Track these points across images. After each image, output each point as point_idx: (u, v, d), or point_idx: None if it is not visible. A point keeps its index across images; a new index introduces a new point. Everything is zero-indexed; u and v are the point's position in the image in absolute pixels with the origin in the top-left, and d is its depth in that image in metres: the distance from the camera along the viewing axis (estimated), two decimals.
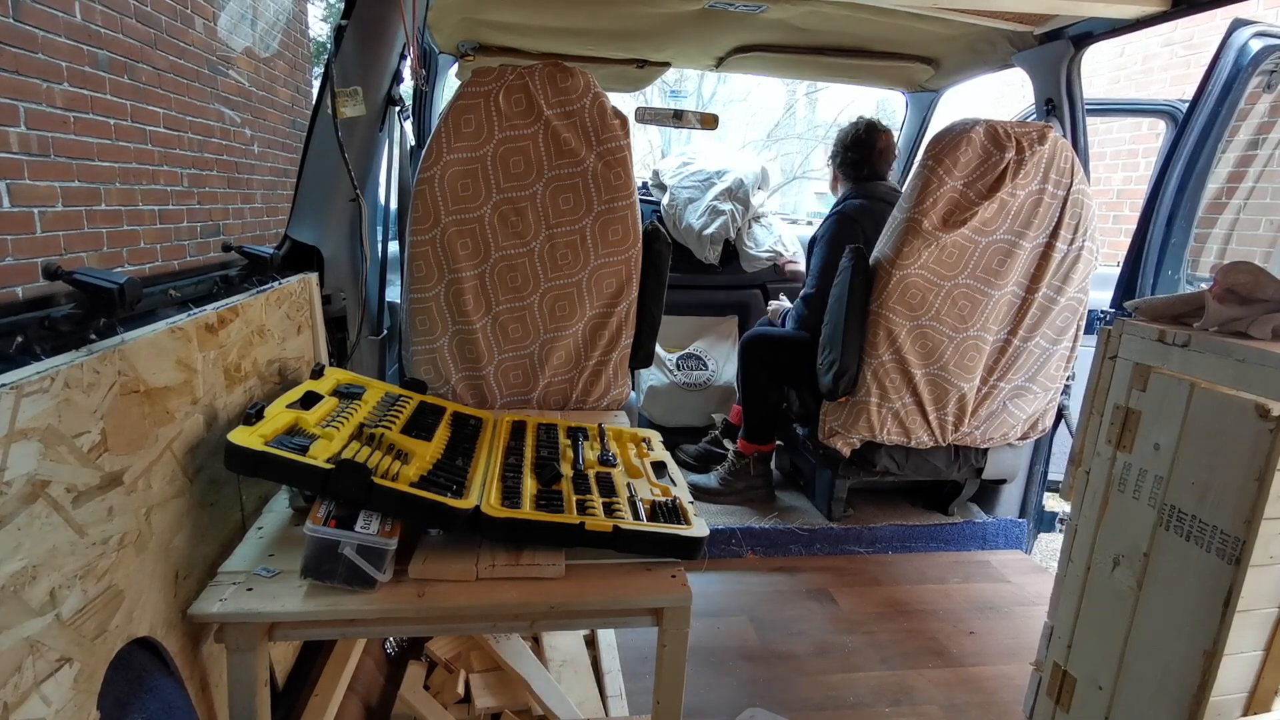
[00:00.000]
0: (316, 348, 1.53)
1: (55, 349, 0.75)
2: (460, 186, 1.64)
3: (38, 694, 0.66)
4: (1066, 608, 1.18)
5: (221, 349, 1.11)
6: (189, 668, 0.95)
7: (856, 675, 1.60)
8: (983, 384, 2.07)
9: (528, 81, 1.62)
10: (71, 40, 2.64)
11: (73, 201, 2.68)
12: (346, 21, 1.51)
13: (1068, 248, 1.97)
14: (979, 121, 1.91)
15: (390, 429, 1.20)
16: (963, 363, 2.00)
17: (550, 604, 1.02)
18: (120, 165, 2.96)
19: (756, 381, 2.30)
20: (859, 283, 1.95)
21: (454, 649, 1.45)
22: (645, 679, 1.30)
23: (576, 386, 1.79)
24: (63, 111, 2.61)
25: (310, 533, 0.96)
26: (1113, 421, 1.08)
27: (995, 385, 2.08)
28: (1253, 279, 1.02)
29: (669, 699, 1.08)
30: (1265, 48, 1.82)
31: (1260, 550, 0.87)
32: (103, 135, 2.84)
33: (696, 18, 2.12)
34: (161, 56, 3.25)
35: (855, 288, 1.95)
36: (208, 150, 3.68)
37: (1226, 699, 0.93)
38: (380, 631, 1.05)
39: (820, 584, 1.96)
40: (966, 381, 2.02)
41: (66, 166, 2.64)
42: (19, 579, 0.65)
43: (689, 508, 1.18)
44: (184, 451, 0.98)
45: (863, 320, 1.98)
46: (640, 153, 2.18)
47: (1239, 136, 3.69)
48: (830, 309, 2.03)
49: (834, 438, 2.10)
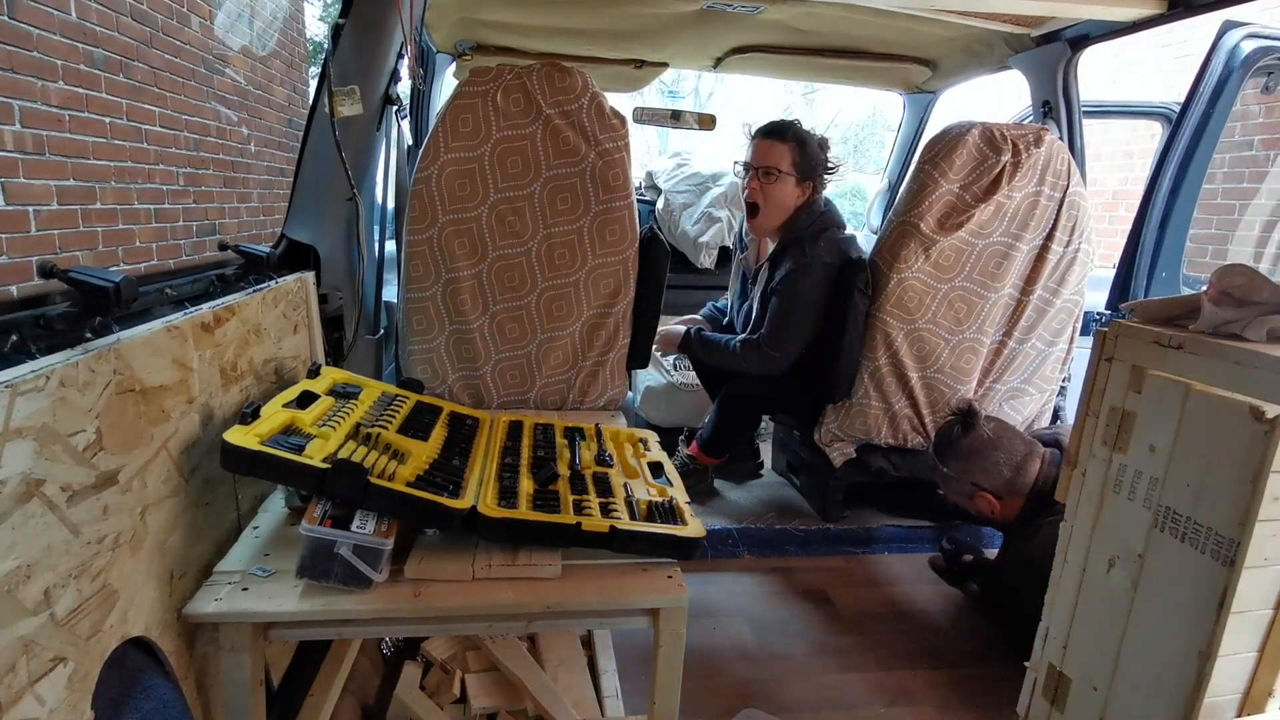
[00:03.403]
0: (313, 347, 1.52)
1: (50, 348, 0.75)
2: (457, 186, 1.64)
3: (32, 694, 0.66)
4: (1062, 608, 1.18)
5: (217, 348, 1.10)
6: (184, 668, 0.95)
7: (853, 676, 1.60)
8: (979, 386, 2.07)
9: (525, 81, 1.62)
10: (67, 38, 2.63)
11: (68, 200, 2.67)
12: (344, 20, 1.50)
13: (1064, 250, 1.97)
14: (975, 124, 1.92)
15: (387, 429, 1.20)
16: (959, 365, 2.01)
17: (547, 604, 1.01)
18: (116, 164, 2.95)
19: (741, 411, 2.20)
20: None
21: (450, 649, 1.45)
22: (641, 679, 1.29)
23: (573, 387, 1.79)
24: (58, 110, 2.60)
25: (306, 532, 0.95)
26: (1108, 423, 1.09)
27: (992, 387, 2.08)
28: (1248, 281, 1.03)
29: (665, 699, 1.08)
30: (1258, 49, 1.83)
31: (1254, 552, 0.87)
32: (98, 134, 2.83)
33: (694, 18, 2.13)
34: (157, 55, 3.24)
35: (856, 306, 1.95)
36: (204, 149, 3.66)
37: (1221, 700, 0.94)
38: (376, 631, 1.04)
39: (816, 584, 1.96)
40: (963, 384, 2.03)
41: (62, 165, 2.63)
42: (13, 578, 0.65)
43: (686, 508, 1.18)
44: (179, 451, 0.98)
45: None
46: (638, 152, 2.19)
47: (1234, 138, 3.71)
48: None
49: (831, 441, 2.10)
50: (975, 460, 1.68)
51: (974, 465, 1.68)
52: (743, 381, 2.13)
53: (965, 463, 1.70)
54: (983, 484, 1.67)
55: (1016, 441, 1.70)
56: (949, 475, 1.73)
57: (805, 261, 1.96)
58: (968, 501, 1.73)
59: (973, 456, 1.69)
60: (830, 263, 1.96)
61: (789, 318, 1.99)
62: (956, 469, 1.71)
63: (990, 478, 1.67)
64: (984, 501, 1.68)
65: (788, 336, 2.00)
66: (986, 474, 1.67)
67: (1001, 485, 1.66)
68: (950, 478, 1.73)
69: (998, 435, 1.69)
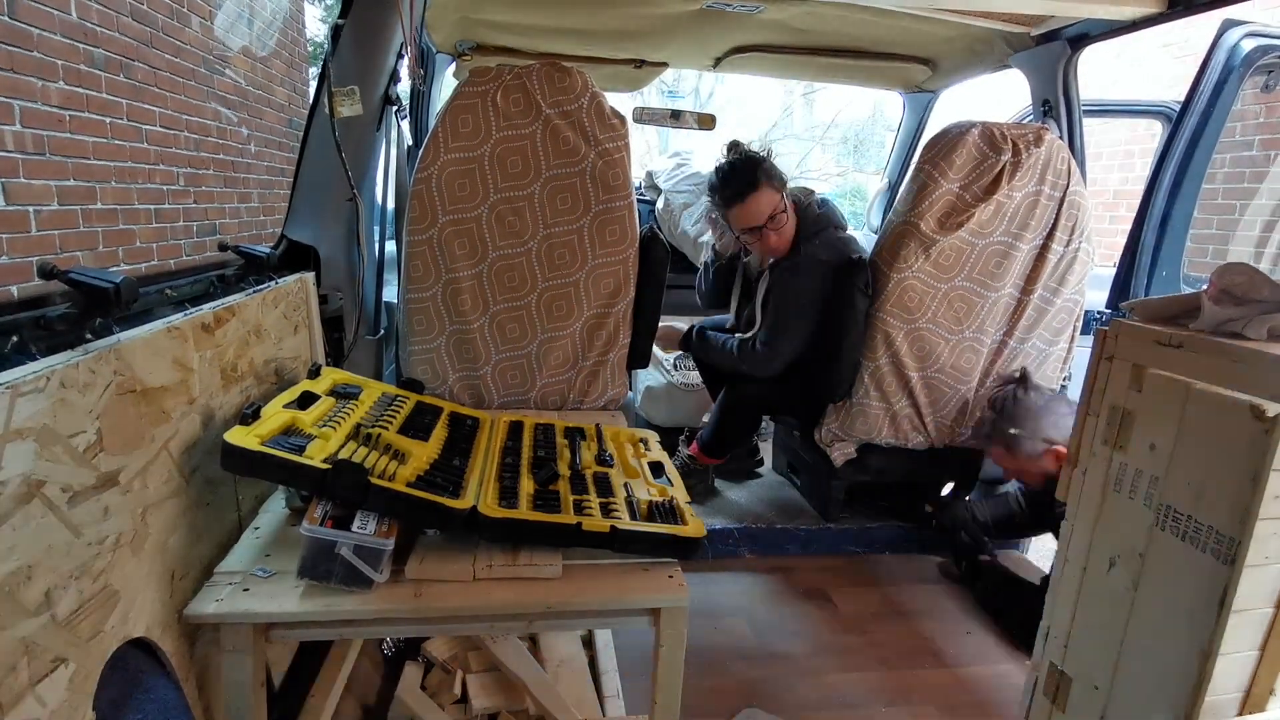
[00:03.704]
0: (313, 347, 1.52)
1: (51, 348, 0.75)
2: (457, 186, 1.64)
3: (33, 695, 0.66)
4: (1063, 608, 1.18)
5: (218, 349, 1.10)
6: (185, 668, 0.95)
7: (853, 675, 1.60)
8: (980, 386, 2.07)
9: (525, 81, 1.62)
10: (67, 38, 2.63)
11: (68, 200, 2.67)
12: (344, 21, 1.50)
13: (1064, 249, 1.97)
14: (975, 124, 1.91)
15: (387, 429, 1.20)
16: (959, 365, 2.01)
17: (547, 604, 1.01)
18: (116, 164, 2.95)
19: (742, 413, 2.19)
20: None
21: (451, 649, 1.45)
22: (642, 679, 1.29)
23: (574, 386, 1.79)
24: (59, 110, 2.60)
25: (307, 533, 0.96)
26: (1109, 422, 1.09)
27: (992, 387, 2.08)
28: (1248, 280, 1.03)
29: (666, 699, 1.08)
30: (1258, 47, 1.83)
31: (1255, 550, 0.87)
32: (99, 134, 2.83)
33: (694, 18, 2.12)
34: (158, 55, 3.25)
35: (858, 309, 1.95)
36: (204, 149, 3.67)
37: (1222, 699, 0.94)
38: (377, 632, 1.04)
39: (817, 584, 1.96)
40: (964, 384, 2.02)
41: (62, 165, 2.63)
42: (14, 579, 0.65)
43: (686, 508, 1.18)
44: (180, 451, 0.98)
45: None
46: (638, 152, 2.18)
47: (1234, 138, 3.71)
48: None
49: (832, 441, 2.10)
50: (1045, 416, 1.71)
51: (1045, 421, 1.71)
52: (743, 383, 2.12)
53: (1036, 421, 1.71)
54: (1055, 438, 1.69)
55: (1066, 399, 1.75)
56: (1020, 436, 1.73)
57: (798, 260, 1.96)
58: (1032, 464, 1.74)
59: (1044, 413, 1.71)
60: (825, 260, 1.94)
61: (783, 318, 1.98)
62: (1030, 429, 1.72)
63: (1061, 430, 1.68)
64: (1052, 459, 1.69)
65: (782, 336, 1.99)
66: (1058, 427, 1.69)
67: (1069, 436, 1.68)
68: (1021, 439, 1.73)
69: (1055, 393, 1.74)
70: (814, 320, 1.99)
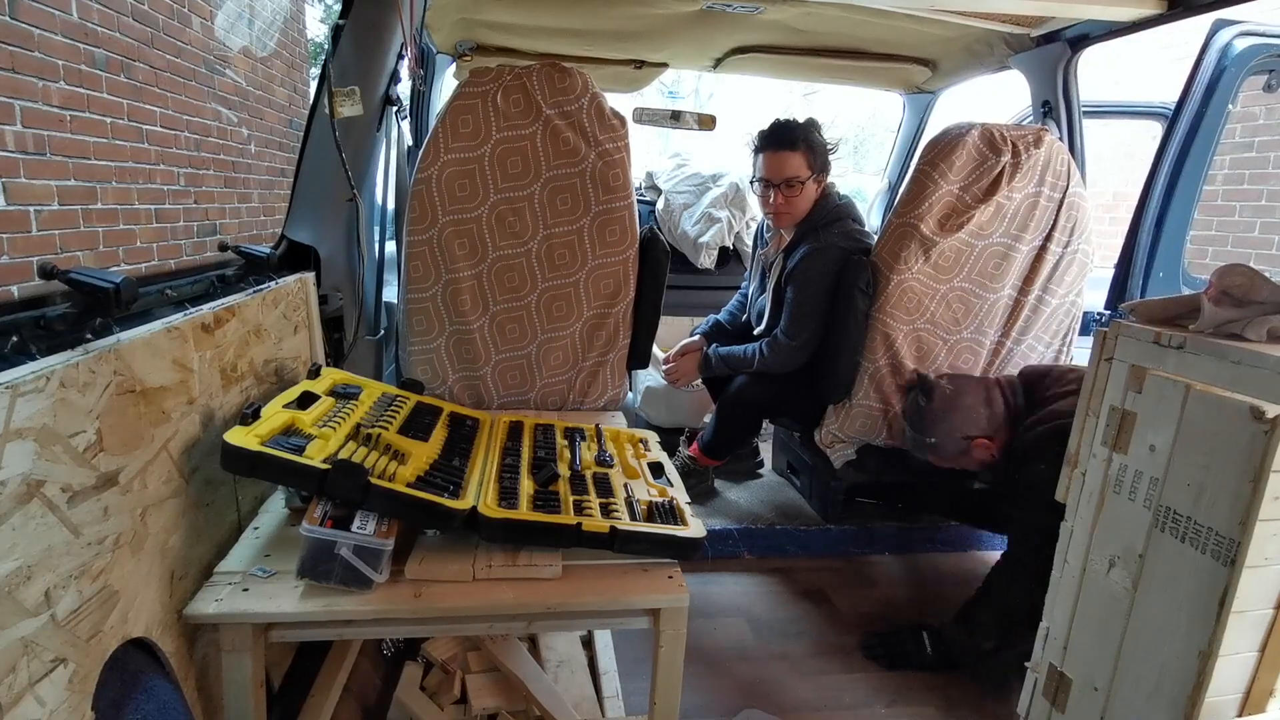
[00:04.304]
0: (313, 348, 1.52)
1: (51, 348, 0.75)
2: (458, 186, 1.64)
3: (32, 695, 0.66)
4: (1062, 609, 1.18)
5: (218, 349, 1.10)
6: (184, 668, 0.95)
7: (853, 676, 1.60)
8: None
9: (525, 82, 1.62)
10: (68, 39, 2.63)
11: (69, 200, 2.67)
12: (344, 21, 1.50)
13: (1063, 250, 1.97)
14: (975, 125, 1.92)
15: (387, 429, 1.20)
16: (958, 366, 2.01)
17: (547, 605, 1.02)
18: (117, 164, 2.95)
19: (743, 415, 2.19)
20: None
21: (451, 650, 1.45)
22: (642, 679, 1.29)
23: (574, 387, 1.79)
24: (59, 110, 2.60)
25: (306, 533, 0.96)
26: (1108, 423, 1.09)
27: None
28: (1248, 281, 1.03)
29: (666, 699, 1.08)
30: (1252, 46, 1.82)
31: (1255, 551, 0.87)
32: (99, 134, 2.83)
33: (694, 19, 2.13)
34: (158, 55, 3.25)
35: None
36: (204, 149, 3.67)
37: (1221, 700, 0.94)
38: (377, 632, 1.04)
39: (817, 584, 1.96)
40: None
41: (63, 165, 2.63)
42: (14, 579, 0.65)
43: (686, 509, 1.18)
44: (180, 451, 0.98)
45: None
46: (638, 152, 2.18)
47: (1235, 139, 3.71)
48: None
49: (831, 442, 2.10)
50: (954, 416, 1.70)
51: (955, 421, 1.70)
52: (743, 385, 2.12)
53: (946, 423, 1.71)
54: (971, 432, 1.69)
55: (971, 383, 1.74)
56: (938, 443, 1.74)
57: (819, 246, 1.95)
58: (965, 460, 1.73)
59: (949, 414, 1.71)
60: (845, 248, 1.95)
61: (804, 304, 1.98)
62: (942, 432, 1.72)
63: (975, 423, 1.68)
64: (981, 449, 1.69)
65: (805, 323, 1.98)
66: (970, 422, 1.69)
67: (986, 424, 1.68)
68: (940, 444, 1.73)
69: (956, 386, 1.73)
70: (829, 306, 1.99)
